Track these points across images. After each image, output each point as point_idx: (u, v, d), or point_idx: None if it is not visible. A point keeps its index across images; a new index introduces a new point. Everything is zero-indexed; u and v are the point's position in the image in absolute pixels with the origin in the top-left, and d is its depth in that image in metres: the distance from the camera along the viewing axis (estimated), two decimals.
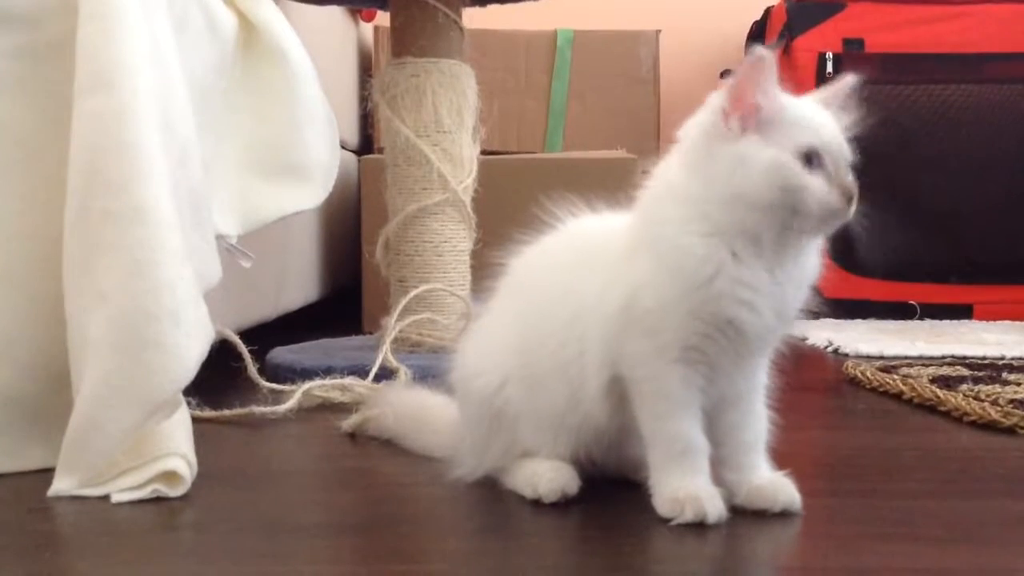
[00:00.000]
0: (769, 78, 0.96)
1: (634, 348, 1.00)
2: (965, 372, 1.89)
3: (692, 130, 1.00)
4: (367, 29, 3.44)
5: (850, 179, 0.97)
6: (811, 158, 0.95)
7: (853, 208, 0.96)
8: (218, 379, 1.38)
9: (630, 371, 1.01)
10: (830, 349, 2.38)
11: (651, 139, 3.26)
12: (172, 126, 1.16)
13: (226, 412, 1.50)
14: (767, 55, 0.96)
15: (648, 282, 0.98)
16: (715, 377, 1.01)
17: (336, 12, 3.02)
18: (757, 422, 1.05)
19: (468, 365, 1.15)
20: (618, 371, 1.02)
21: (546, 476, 1.07)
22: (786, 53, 3.15)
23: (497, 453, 1.13)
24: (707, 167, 0.98)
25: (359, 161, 2.93)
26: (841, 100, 1.02)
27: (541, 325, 1.08)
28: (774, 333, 1.01)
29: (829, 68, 3.13)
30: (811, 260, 1.02)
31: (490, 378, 1.11)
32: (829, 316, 2.86)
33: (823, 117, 0.99)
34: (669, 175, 1.01)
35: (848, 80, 1.02)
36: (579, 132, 3.31)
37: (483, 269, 1.22)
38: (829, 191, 0.95)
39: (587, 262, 1.06)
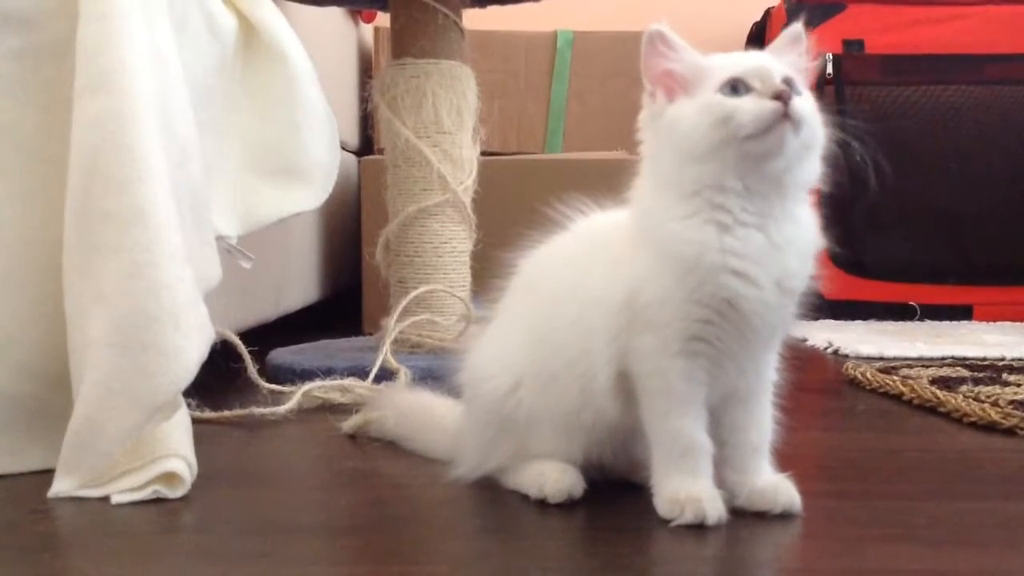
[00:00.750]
0: (670, 46, 1.01)
1: (638, 344, 1.00)
2: (965, 373, 1.89)
3: (640, 123, 1.05)
4: (367, 30, 3.44)
5: (782, 83, 0.96)
6: (736, 87, 0.97)
7: (798, 105, 0.96)
8: (218, 380, 1.38)
9: (635, 367, 1.01)
10: (830, 350, 2.38)
11: None
12: (172, 127, 1.16)
13: (226, 413, 1.50)
14: (657, 29, 1.01)
15: (647, 276, 0.99)
16: (720, 371, 1.01)
17: (336, 13, 3.02)
18: (763, 422, 1.05)
19: (479, 367, 1.15)
20: (624, 367, 1.02)
21: (552, 477, 1.07)
22: None
23: (502, 455, 1.13)
24: (658, 145, 1.02)
25: (359, 162, 2.93)
26: (786, 48, 1.03)
27: (551, 323, 1.08)
28: (776, 309, 0.99)
29: (829, 69, 3.13)
30: (809, 224, 1.01)
31: (501, 380, 1.11)
32: (829, 317, 2.88)
33: (741, 54, 1.02)
34: (642, 169, 1.04)
35: (792, 28, 1.04)
36: (579, 133, 3.31)
37: (484, 270, 1.22)
38: (757, 102, 0.96)
39: (593, 259, 1.06)
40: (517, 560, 0.94)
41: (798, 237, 1.00)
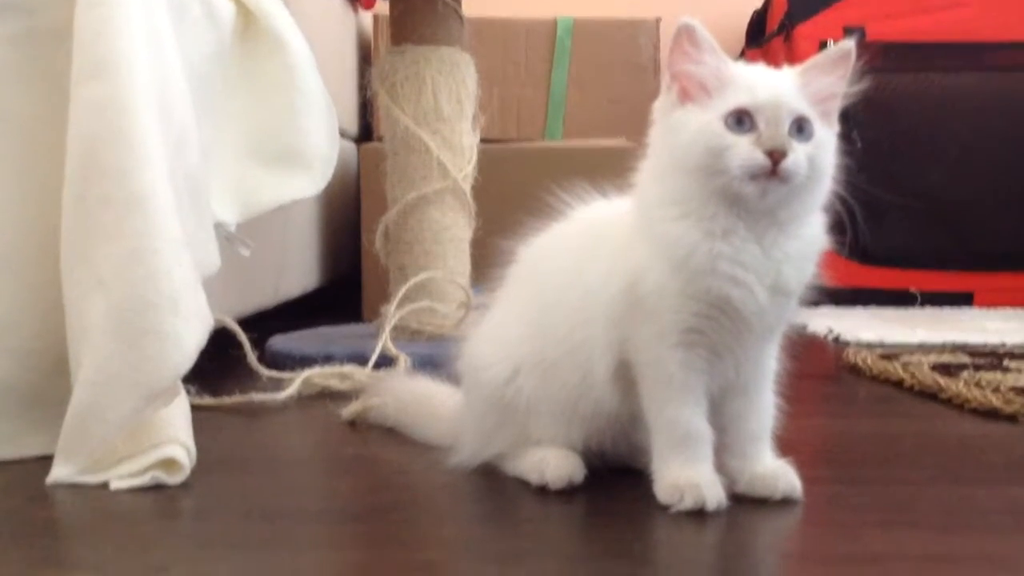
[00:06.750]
0: (696, 45, 0.98)
1: (637, 333, 1.00)
2: (966, 359, 1.89)
3: (654, 110, 1.04)
4: (366, 17, 3.43)
5: (782, 136, 0.95)
6: (742, 119, 0.96)
7: (789, 164, 0.94)
8: (217, 366, 1.38)
9: (634, 355, 1.01)
10: (831, 337, 2.38)
11: None
12: (170, 113, 1.15)
13: (225, 399, 1.50)
14: (688, 24, 0.98)
15: (645, 267, 0.99)
16: (718, 361, 1.01)
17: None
18: (763, 410, 1.05)
19: (478, 355, 1.14)
20: (624, 356, 1.02)
21: (553, 463, 1.07)
22: (787, 41, 3.14)
23: (502, 442, 1.12)
24: (661, 141, 1.02)
25: (358, 149, 2.92)
26: (826, 68, 1.01)
27: (552, 312, 1.08)
28: (772, 310, 0.99)
29: None
30: (813, 234, 1.01)
31: (500, 368, 1.11)
32: (829, 303, 2.87)
33: (763, 78, 1.00)
34: (649, 154, 1.04)
35: (842, 46, 1.01)
36: (579, 120, 3.30)
37: (483, 258, 1.21)
38: (751, 150, 0.95)
39: (594, 247, 1.06)
40: (517, 546, 0.94)
41: (798, 249, 0.99)
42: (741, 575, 0.90)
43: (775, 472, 1.03)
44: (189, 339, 1.10)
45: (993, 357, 1.93)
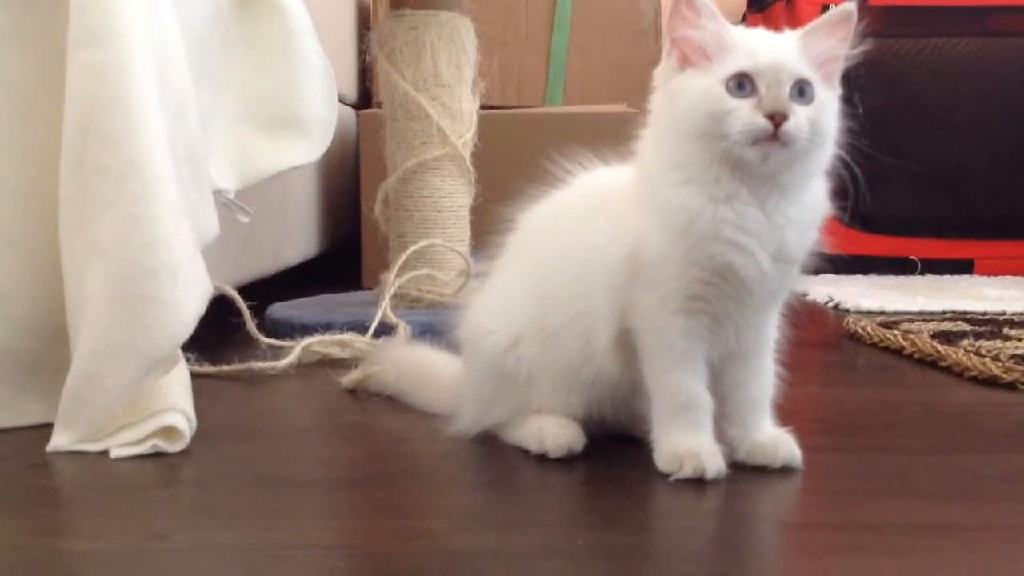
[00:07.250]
0: (696, 11, 0.98)
1: (638, 301, 1.00)
2: (966, 327, 1.89)
3: (655, 77, 1.03)
4: None
5: (782, 99, 0.95)
6: (742, 83, 0.96)
7: (790, 127, 0.94)
8: (217, 334, 1.38)
9: (635, 323, 1.01)
10: (831, 304, 2.38)
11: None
12: (167, 79, 1.14)
13: (225, 368, 1.50)
14: None
15: (647, 234, 0.98)
16: (720, 328, 1.00)
17: None
18: (763, 379, 1.05)
19: (478, 323, 1.14)
20: (625, 324, 1.02)
21: (552, 431, 1.07)
22: (789, 6, 3.12)
23: (503, 411, 1.12)
24: (662, 108, 1.02)
25: (358, 115, 2.91)
26: (827, 31, 1.00)
27: (554, 280, 1.08)
28: (775, 277, 0.99)
29: None
30: (815, 199, 1.00)
31: (501, 336, 1.11)
32: (830, 271, 2.87)
33: (764, 42, 0.99)
34: (650, 122, 1.04)
35: (841, 9, 1.00)
36: (580, 86, 3.28)
37: (483, 224, 1.21)
38: (752, 113, 0.95)
39: (596, 215, 1.05)
40: (516, 513, 0.94)
41: (800, 214, 0.99)
42: (740, 543, 0.90)
43: (775, 440, 1.03)
44: (188, 307, 1.09)
45: (993, 325, 1.93)
